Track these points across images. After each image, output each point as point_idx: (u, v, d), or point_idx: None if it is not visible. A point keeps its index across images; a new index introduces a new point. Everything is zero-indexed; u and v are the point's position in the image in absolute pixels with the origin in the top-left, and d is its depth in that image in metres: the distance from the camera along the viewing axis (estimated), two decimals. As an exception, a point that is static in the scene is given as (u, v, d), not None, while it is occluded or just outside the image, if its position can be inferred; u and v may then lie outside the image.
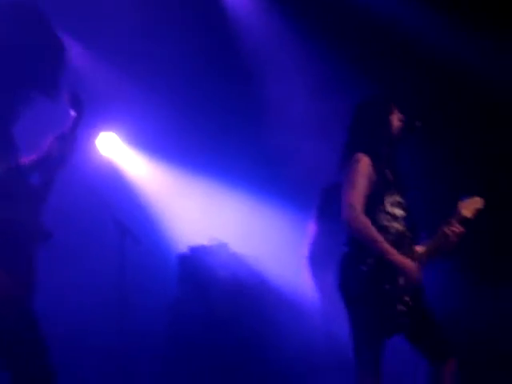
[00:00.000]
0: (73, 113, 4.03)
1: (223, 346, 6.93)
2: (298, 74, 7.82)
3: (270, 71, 7.96)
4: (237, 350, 6.94)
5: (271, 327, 7.10)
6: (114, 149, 7.96)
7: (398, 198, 4.84)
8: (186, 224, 7.79)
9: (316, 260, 6.30)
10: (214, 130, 7.88)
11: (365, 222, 4.63)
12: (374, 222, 4.70)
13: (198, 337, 6.96)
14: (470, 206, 4.87)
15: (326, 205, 6.38)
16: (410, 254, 4.75)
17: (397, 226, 4.78)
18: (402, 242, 4.76)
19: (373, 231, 4.64)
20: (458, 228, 4.81)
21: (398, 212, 4.80)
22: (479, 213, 4.85)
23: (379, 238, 4.64)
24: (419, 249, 4.83)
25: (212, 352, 6.89)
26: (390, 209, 4.77)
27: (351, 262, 4.73)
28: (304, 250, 6.43)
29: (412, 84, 7.34)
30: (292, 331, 6.97)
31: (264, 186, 7.79)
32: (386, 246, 4.64)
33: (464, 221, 4.82)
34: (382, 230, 4.71)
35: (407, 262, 4.67)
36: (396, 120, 4.92)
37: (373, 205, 4.74)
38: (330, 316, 6.11)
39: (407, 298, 4.71)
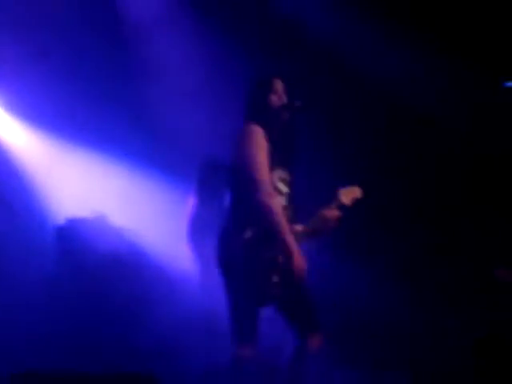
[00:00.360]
0: None
1: (99, 320, 6.89)
2: (188, 43, 7.82)
3: (157, 41, 7.92)
4: (112, 324, 6.92)
5: (149, 302, 7.10)
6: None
7: (284, 174, 4.91)
8: (65, 195, 7.69)
9: (196, 233, 6.33)
10: (97, 100, 7.77)
11: (271, 195, 4.65)
12: None
13: (74, 310, 6.89)
14: (349, 194, 5.00)
15: (206, 178, 6.41)
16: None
17: (281, 201, 4.84)
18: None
19: (278, 210, 4.66)
20: (336, 213, 4.93)
21: (283, 188, 4.88)
22: (356, 201, 4.99)
23: (283, 218, 4.66)
24: (297, 228, 4.92)
25: (87, 326, 6.83)
26: (277, 183, 4.84)
27: (231, 232, 4.76)
28: (184, 222, 6.46)
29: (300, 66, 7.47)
30: (170, 305, 6.99)
31: (144, 157, 7.76)
32: (285, 227, 4.66)
33: (342, 207, 4.95)
34: None
35: (296, 252, 4.68)
36: (276, 98, 4.96)
37: None
38: (210, 288, 6.16)
39: (282, 270, 4.75)
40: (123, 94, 7.88)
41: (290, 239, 4.65)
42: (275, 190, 4.80)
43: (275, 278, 4.74)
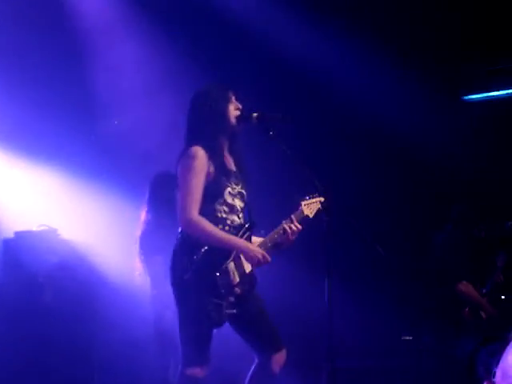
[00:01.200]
0: None
1: (50, 335, 6.74)
2: (140, 49, 7.76)
3: (110, 51, 7.82)
4: (63, 338, 6.78)
5: (99, 314, 7.00)
6: None
7: (238, 189, 4.83)
8: (13, 208, 7.51)
9: (147, 246, 6.22)
10: (46, 110, 7.59)
11: (197, 222, 4.64)
12: (213, 214, 4.70)
13: (23, 323, 6.74)
14: (311, 206, 4.90)
15: (157, 191, 6.31)
16: None
17: (233, 217, 4.78)
18: (238, 234, 4.76)
19: (208, 227, 4.65)
20: (297, 226, 4.83)
21: (238, 203, 4.80)
22: (319, 213, 4.88)
23: (215, 230, 4.65)
24: (257, 241, 4.84)
25: (37, 340, 6.70)
26: (229, 200, 4.76)
27: (182, 253, 4.69)
28: (135, 235, 6.34)
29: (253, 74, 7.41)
30: (120, 319, 6.90)
31: (97, 172, 7.65)
32: (225, 235, 4.67)
33: (304, 219, 4.86)
34: (220, 222, 4.71)
35: (248, 244, 4.70)
36: (233, 109, 4.85)
37: (212, 196, 4.72)
38: (160, 300, 6.06)
39: (237, 289, 4.69)
40: (74, 103, 7.75)
41: (230, 239, 4.68)
42: (227, 206, 4.75)
43: (230, 298, 4.66)
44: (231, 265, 4.70)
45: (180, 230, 4.76)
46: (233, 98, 4.88)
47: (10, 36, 7.46)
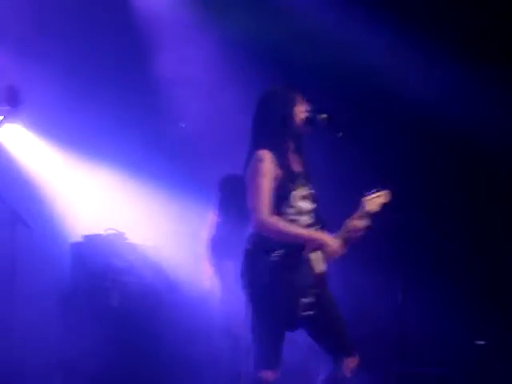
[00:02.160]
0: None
1: (117, 336, 6.80)
2: (201, 52, 7.76)
3: (171, 55, 7.83)
4: (128, 341, 6.84)
5: (167, 318, 7.01)
6: (7, 133, 7.68)
7: (306, 191, 4.79)
8: (83, 213, 7.62)
9: (216, 252, 6.21)
10: (116, 120, 7.70)
11: (271, 221, 4.61)
12: (282, 217, 4.66)
13: (90, 326, 6.77)
14: (375, 200, 4.85)
15: (225, 195, 6.29)
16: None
17: (304, 218, 4.74)
18: None
19: (282, 225, 4.62)
20: (361, 222, 4.78)
21: (306, 205, 4.76)
22: (384, 206, 4.84)
23: (290, 227, 4.63)
24: None
25: (104, 342, 6.70)
26: (297, 202, 4.72)
27: (256, 255, 4.66)
28: (204, 239, 6.34)
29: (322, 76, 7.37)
30: (188, 324, 6.91)
31: (164, 173, 7.67)
32: (300, 230, 4.65)
33: (368, 214, 4.81)
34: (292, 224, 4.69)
35: (325, 235, 4.68)
36: (299, 112, 4.80)
37: (280, 200, 4.68)
38: (229, 304, 6.05)
39: (313, 290, 4.66)
40: (143, 111, 7.83)
41: (306, 232, 4.67)
42: (295, 209, 4.71)
43: (306, 300, 4.63)
44: (306, 266, 4.66)
45: (252, 232, 4.72)
46: (300, 99, 4.83)
47: (77, 38, 7.60)
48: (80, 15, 7.64)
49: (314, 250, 4.69)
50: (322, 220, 4.82)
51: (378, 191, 4.88)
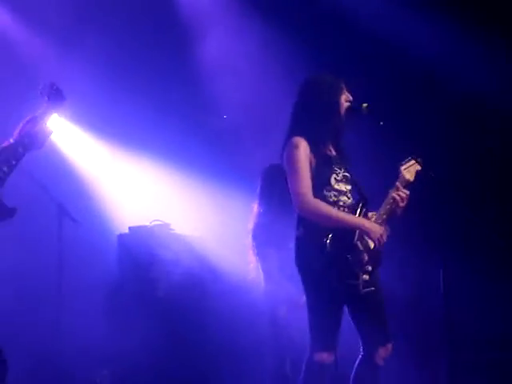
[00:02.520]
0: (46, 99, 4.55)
1: (163, 327, 6.84)
2: (243, 42, 7.77)
3: (214, 42, 7.87)
4: (174, 332, 6.89)
5: (212, 308, 7.05)
6: (55, 126, 7.73)
7: (342, 173, 4.82)
8: (128, 205, 7.68)
9: (260, 239, 6.20)
10: (159, 111, 7.76)
11: (314, 203, 4.66)
12: (324, 199, 4.70)
13: (137, 317, 6.85)
14: (410, 169, 4.90)
15: (268, 184, 6.28)
16: None
17: (344, 199, 4.79)
18: (353, 213, 4.76)
19: (325, 208, 4.66)
20: (403, 191, 4.83)
21: (344, 186, 4.81)
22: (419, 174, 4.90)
23: (333, 211, 4.67)
24: (372, 216, 4.83)
25: (151, 333, 6.76)
26: (336, 185, 4.77)
27: (307, 242, 4.70)
28: (248, 228, 6.33)
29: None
30: (234, 314, 6.92)
31: (208, 166, 7.71)
32: (342, 215, 4.69)
33: (407, 183, 4.87)
34: (332, 204, 4.72)
35: (367, 222, 4.71)
36: (344, 100, 4.83)
37: (319, 185, 4.72)
38: (273, 294, 6.05)
39: (368, 266, 4.69)
40: (186, 102, 7.87)
41: (350, 218, 4.71)
42: (335, 191, 4.77)
43: (365, 277, 4.68)
44: (358, 243, 4.70)
45: (299, 218, 4.76)
46: (344, 89, 4.86)
47: (119, 29, 7.66)
48: (121, 7, 7.68)
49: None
50: (364, 197, 4.84)
51: (411, 159, 4.91)
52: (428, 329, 6.73)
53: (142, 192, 7.76)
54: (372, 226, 4.71)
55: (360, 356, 4.86)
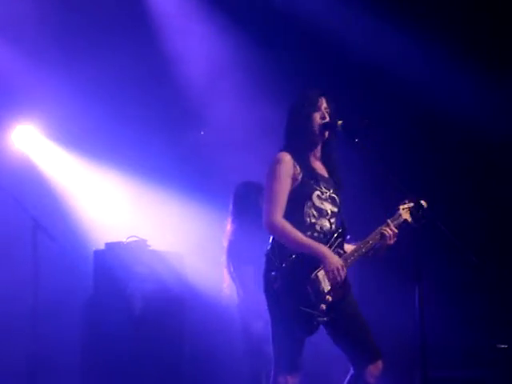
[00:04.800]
0: None
1: (139, 343, 6.82)
2: (223, 78, 7.76)
3: (196, 75, 7.89)
4: (153, 348, 6.86)
5: (189, 324, 7.07)
6: (31, 142, 7.74)
7: (329, 193, 4.78)
8: (104, 221, 7.67)
9: (234, 255, 6.21)
10: (138, 128, 7.77)
11: (279, 225, 4.62)
12: (302, 218, 4.67)
13: (114, 333, 6.80)
14: (408, 210, 4.81)
15: (240, 202, 6.30)
16: (339, 252, 4.68)
17: (323, 223, 4.72)
18: (329, 240, 4.69)
19: (288, 230, 4.61)
20: (393, 230, 4.75)
21: (328, 207, 4.75)
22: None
23: (297, 234, 4.60)
24: (350, 248, 4.76)
25: (127, 349, 6.77)
26: (317, 203, 4.72)
27: (272, 259, 4.65)
28: (223, 247, 6.34)
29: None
30: (209, 330, 6.92)
31: (184, 183, 7.72)
32: (305, 239, 4.60)
33: (402, 224, 4.78)
34: (308, 227, 4.67)
35: (328, 252, 4.59)
36: (318, 117, 4.79)
37: (300, 199, 4.70)
38: (248, 311, 6.07)
39: (329, 297, 4.60)
40: (163, 118, 7.87)
41: (311, 244, 4.61)
42: (316, 210, 4.70)
43: (322, 306, 4.58)
44: (321, 272, 4.61)
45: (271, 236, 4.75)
46: (322, 105, 4.83)
47: (99, 47, 7.66)
48: (98, 19, 7.70)
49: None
50: (343, 226, 4.77)
51: (411, 201, 4.81)
52: (401, 345, 6.74)
53: (118, 208, 7.76)
54: (332, 258, 4.60)
55: (350, 374, 4.79)
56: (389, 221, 4.77)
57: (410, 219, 4.78)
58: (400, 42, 7.43)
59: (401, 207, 4.82)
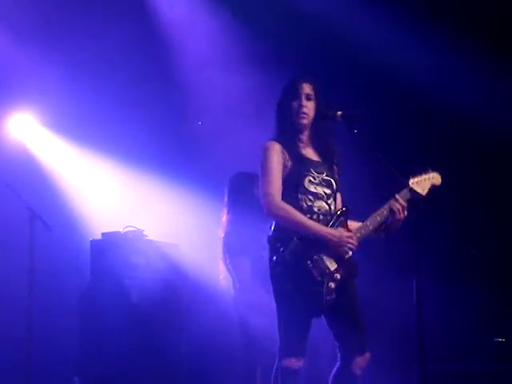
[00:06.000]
0: None
1: (136, 334, 6.80)
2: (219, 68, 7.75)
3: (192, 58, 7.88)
4: (149, 338, 6.85)
5: (185, 314, 7.08)
6: (27, 131, 7.72)
7: (323, 177, 4.80)
8: (101, 210, 7.67)
9: (230, 247, 6.19)
10: (134, 117, 7.74)
11: (282, 206, 4.66)
12: (297, 204, 4.70)
13: (110, 323, 6.77)
14: (423, 182, 4.82)
15: (235, 192, 6.27)
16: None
17: (320, 204, 4.75)
18: (329, 220, 4.72)
19: (292, 212, 4.65)
20: (402, 204, 4.73)
21: (322, 190, 4.77)
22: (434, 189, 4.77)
23: (299, 216, 4.64)
24: (355, 225, 4.76)
25: (124, 339, 6.72)
26: (310, 188, 4.75)
27: (275, 244, 4.68)
28: (219, 238, 6.32)
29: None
30: (206, 320, 6.91)
31: (181, 173, 7.72)
32: (307, 222, 4.64)
33: (415, 197, 4.72)
34: (305, 211, 4.70)
35: (332, 232, 4.63)
36: (296, 104, 4.82)
37: (292, 186, 4.74)
38: (244, 302, 6.04)
39: (337, 275, 4.62)
40: (161, 108, 7.86)
41: (313, 226, 4.64)
42: (310, 194, 4.74)
43: (331, 284, 4.61)
44: (324, 253, 4.64)
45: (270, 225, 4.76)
46: (303, 90, 4.85)
47: (100, 41, 7.61)
48: (100, 14, 7.67)
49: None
50: (345, 206, 4.79)
51: (425, 173, 4.86)
52: (399, 338, 6.74)
53: (115, 198, 7.74)
54: (338, 235, 4.64)
55: (337, 364, 4.82)
56: (397, 195, 4.75)
57: (423, 192, 4.75)
58: (400, 33, 7.39)
59: (411, 180, 4.79)
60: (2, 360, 6.95)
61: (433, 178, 4.87)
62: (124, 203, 7.67)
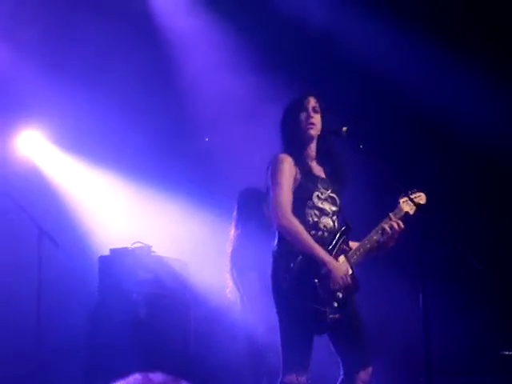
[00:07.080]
0: None
1: (144, 349, 6.79)
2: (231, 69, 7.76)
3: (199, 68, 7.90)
4: (156, 354, 6.83)
5: (192, 330, 7.10)
6: (36, 148, 7.76)
7: (329, 193, 4.81)
8: (109, 227, 7.68)
9: (237, 262, 6.21)
10: (141, 133, 7.76)
11: (292, 221, 4.64)
12: (304, 218, 4.69)
13: (118, 339, 6.79)
14: (410, 202, 4.84)
15: (244, 207, 6.30)
16: (344, 249, 4.73)
17: (326, 221, 4.76)
18: (332, 238, 4.73)
19: (301, 230, 4.63)
20: (398, 223, 4.78)
21: (328, 206, 4.78)
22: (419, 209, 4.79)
23: (305, 236, 4.63)
24: (354, 244, 4.80)
25: (132, 354, 6.70)
26: (319, 204, 4.75)
27: (280, 260, 4.69)
28: (227, 253, 6.34)
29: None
30: (213, 336, 6.91)
31: (189, 189, 7.74)
32: (312, 244, 4.62)
33: (404, 217, 4.78)
34: (311, 226, 4.70)
35: (330, 261, 4.62)
36: (304, 117, 4.84)
37: (301, 201, 4.73)
38: (252, 317, 6.06)
39: (339, 294, 4.64)
40: (168, 124, 7.90)
41: (319, 252, 4.62)
42: (317, 210, 4.74)
43: (334, 303, 4.63)
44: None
45: (278, 233, 4.75)
46: (309, 104, 4.87)
47: (105, 53, 7.66)
48: (101, 24, 7.69)
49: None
50: (347, 224, 4.81)
51: (414, 192, 4.89)
52: (406, 351, 6.73)
53: (123, 214, 7.76)
54: (337, 268, 4.63)
55: (340, 378, 4.81)
56: (390, 214, 4.79)
57: (411, 211, 4.79)
58: (399, 43, 7.42)
59: (401, 200, 4.83)
60: (10, 372, 6.95)
61: (419, 198, 4.89)
62: (132, 219, 7.69)
